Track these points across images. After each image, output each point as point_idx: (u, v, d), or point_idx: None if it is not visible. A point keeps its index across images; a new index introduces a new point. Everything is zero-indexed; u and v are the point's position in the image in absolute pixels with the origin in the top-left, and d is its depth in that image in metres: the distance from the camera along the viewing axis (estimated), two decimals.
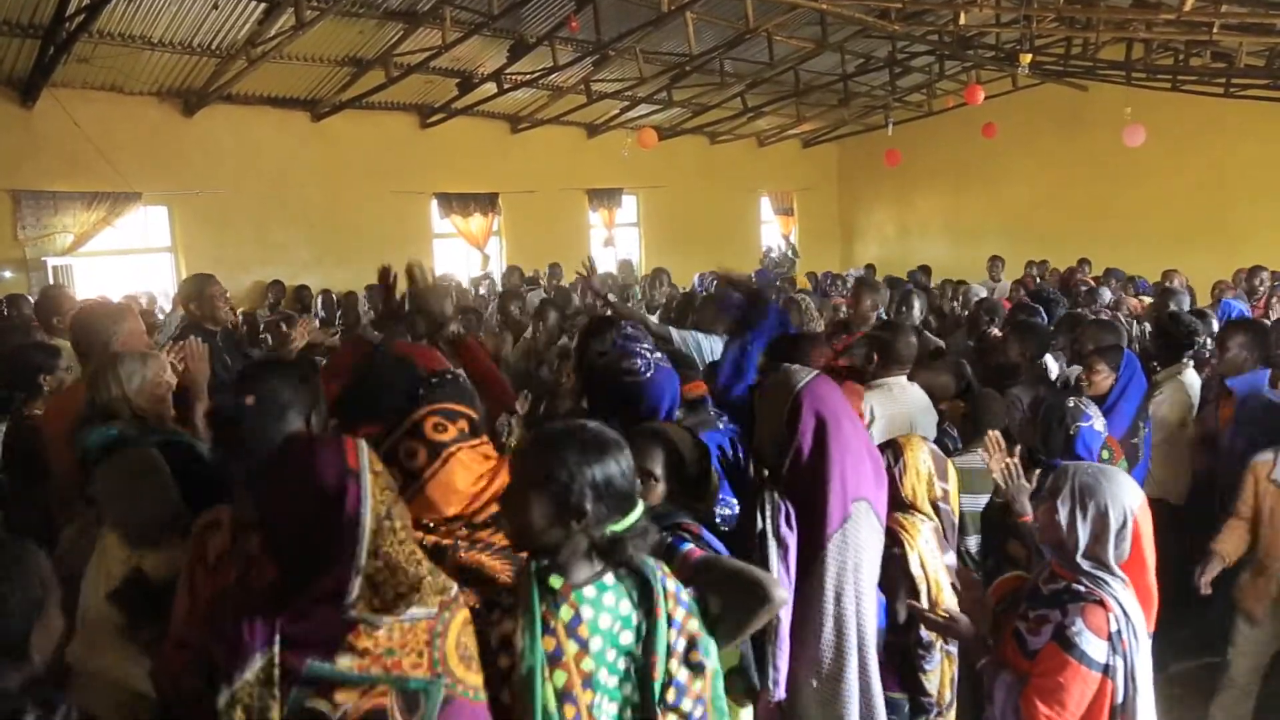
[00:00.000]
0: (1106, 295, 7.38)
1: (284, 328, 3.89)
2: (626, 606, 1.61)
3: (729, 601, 1.78)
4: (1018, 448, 2.99)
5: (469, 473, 1.89)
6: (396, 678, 1.45)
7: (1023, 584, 2.32)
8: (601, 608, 1.59)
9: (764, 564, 2.04)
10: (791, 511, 2.08)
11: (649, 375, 2.52)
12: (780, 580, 2.03)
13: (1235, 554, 3.41)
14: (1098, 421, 2.99)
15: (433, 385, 1.99)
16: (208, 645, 1.49)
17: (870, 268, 12.28)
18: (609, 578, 1.62)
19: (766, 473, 2.23)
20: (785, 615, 2.04)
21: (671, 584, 1.66)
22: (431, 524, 1.87)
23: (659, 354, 2.65)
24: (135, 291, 8.44)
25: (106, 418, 2.54)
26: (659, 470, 2.14)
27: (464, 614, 1.59)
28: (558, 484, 1.55)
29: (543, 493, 1.56)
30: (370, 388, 2.11)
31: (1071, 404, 3.02)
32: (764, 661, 2.04)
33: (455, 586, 1.60)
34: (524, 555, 1.67)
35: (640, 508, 1.62)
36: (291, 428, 1.96)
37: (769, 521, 2.06)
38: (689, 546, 1.92)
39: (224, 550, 1.83)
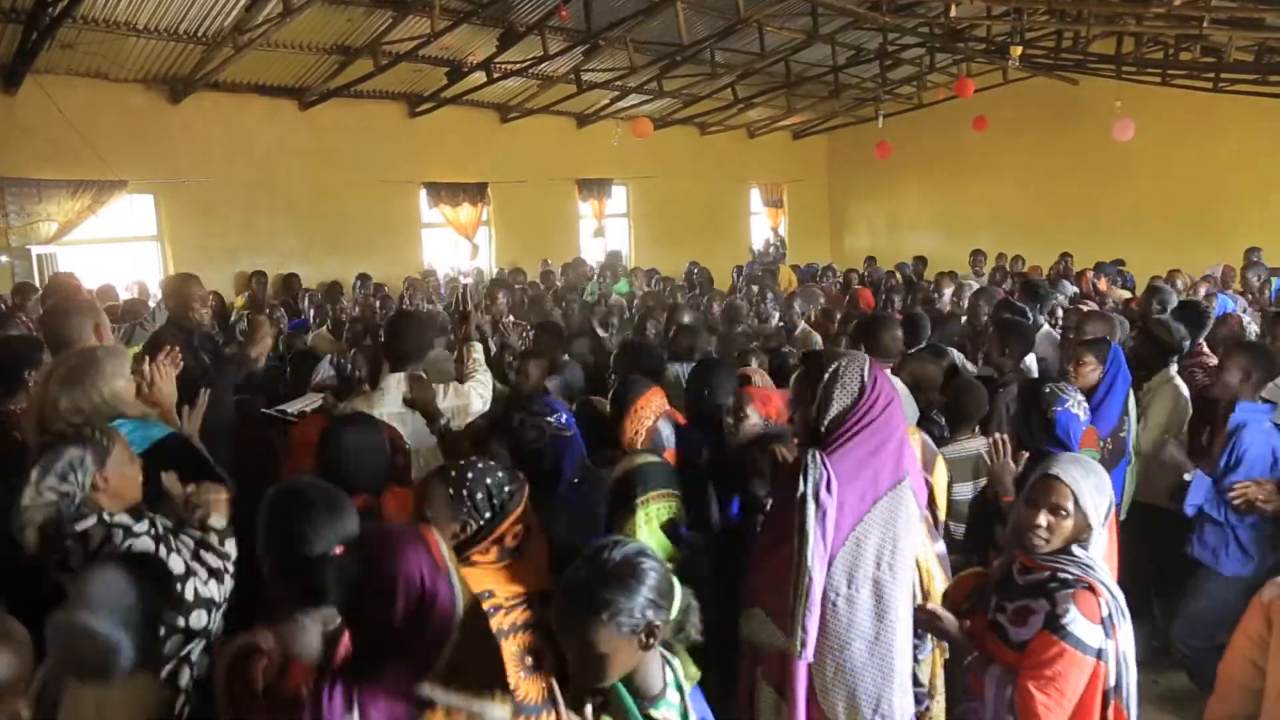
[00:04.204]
0: (1069, 289, 7.45)
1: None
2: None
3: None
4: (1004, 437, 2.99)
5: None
6: None
7: (983, 579, 2.31)
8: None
9: (801, 527, 2.07)
10: (834, 478, 2.09)
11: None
12: (815, 542, 2.07)
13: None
14: (1075, 405, 2.94)
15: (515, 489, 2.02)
16: None
17: (871, 260, 12.21)
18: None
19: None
20: (818, 578, 2.07)
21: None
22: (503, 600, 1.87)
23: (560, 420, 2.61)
24: (128, 282, 8.38)
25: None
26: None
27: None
28: (632, 621, 1.48)
29: (619, 634, 1.47)
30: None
31: (1048, 389, 2.98)
32: (795, 620, 2.08)
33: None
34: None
35: (679, 590, 1.59)
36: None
37: (810, 485, 2.08)
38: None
39: (274, 679, 1.63)
